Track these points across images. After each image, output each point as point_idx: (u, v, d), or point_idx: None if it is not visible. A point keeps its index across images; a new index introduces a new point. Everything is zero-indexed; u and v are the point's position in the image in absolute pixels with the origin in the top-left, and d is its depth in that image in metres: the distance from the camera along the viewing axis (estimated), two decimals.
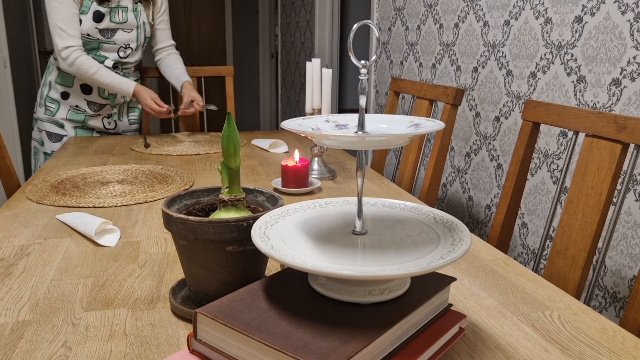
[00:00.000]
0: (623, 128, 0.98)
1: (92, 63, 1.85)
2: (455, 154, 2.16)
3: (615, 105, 1.39)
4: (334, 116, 0.71)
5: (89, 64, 1.84)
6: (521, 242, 1.77)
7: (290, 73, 4.60)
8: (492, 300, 0.80)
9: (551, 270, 1.08)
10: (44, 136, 2.03)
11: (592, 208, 1.02)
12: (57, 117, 2.01)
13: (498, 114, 1.87)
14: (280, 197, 0.77)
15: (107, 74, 1.87)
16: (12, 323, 0.71)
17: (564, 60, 1.55)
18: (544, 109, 1.18)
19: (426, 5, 2.33)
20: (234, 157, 0.70)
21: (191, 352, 0.60)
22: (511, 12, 1.78)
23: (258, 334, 0.53)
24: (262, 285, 0.64)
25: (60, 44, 1.81)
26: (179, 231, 0.69)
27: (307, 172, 1.32)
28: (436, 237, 0.65)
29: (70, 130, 2.04)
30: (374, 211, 0.74)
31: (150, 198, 1.26)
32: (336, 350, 0.51)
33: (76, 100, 2.01)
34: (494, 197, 1.92)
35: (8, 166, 1.51)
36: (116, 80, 1.89)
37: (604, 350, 0.67)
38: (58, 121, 2.01)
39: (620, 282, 1.39)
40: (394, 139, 0.59)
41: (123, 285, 0.83)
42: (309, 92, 1.47)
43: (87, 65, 1.84)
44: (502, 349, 0.67)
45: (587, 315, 0.76)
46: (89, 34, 1.88)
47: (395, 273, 0.53)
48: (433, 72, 2.30)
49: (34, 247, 0.98)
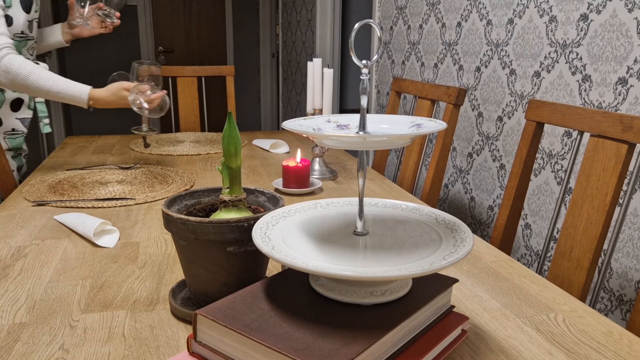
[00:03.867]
0: (629, 128, 0.97)
1: (26, 62, 1.35)
2: (458, 154, 2.15)
3: (621, 104, 1.37)
4: (335, 116, 0.70)
5: (20, 63, 1.34)
6: (524, 244, 1.76)
7: (292, 73, 4.59)
8: (495, 302, 0.79)
9: (555, 272, 1.07)
10: None
11: (597, 209, 1.00)
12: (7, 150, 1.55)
13: (501, 113, 1.86)
14: (281, 198, 0.76)
15: (47, 74, 1.37)
16: (8, 325, 0.70)
17: (568, 59, 1.54)
18: (548, 109, 1.16)
19: (428, 4, 2.32)
20: (234, 158, 0.70)
21: (191, 354, 0.59)
22: (515, 11, 1.77)
23: (259, 335, 0.52)
24: (263, 286, 0.63)
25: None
26: (179, 232, 0.68)
27: (308, 172, 1.31)
28: (438, 238, 0.64)
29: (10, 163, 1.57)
30: (376, 212, 0.73)
31: (150, 198, 1.26)
32: (337, 352, 0.50)
33: (10, 122, 1.55)
34: (497, 197, 1.91)
35: (4, 166, 1.50)
36: (61, 83, 1.37)
37: (610, 354, 0.66)
38: (9, 155, 1.57)
39: (626, 285, 1.38)
40: (395, 140, 0.59)
41: (122, 287, 0.82)
42: (310, 92, 1.46)
43: (17, 64, 1.33)
44: (505, 352, 0.66)
45: (593, 318, 0.75)
46: (22, 32, 1.50)
47: (397, 274, 0.52)
48: (435, 72, 2.29)
49: (31, 248, 0.97)
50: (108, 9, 1.64)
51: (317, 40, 3.82)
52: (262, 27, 5.49)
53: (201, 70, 2.33)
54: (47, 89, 1.35)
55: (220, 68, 2.35)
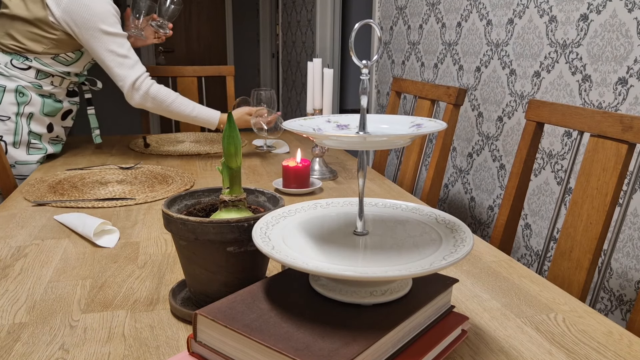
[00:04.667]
0: (629, 128, 0.97)
1: (168, 90, 1.58)
2: (457, 155, 2.15)
3: (621, 104, 1.37)
4: (335, 116, 0.70)
5: (165, 91, 1.57)
6: (524, 244, 1.76)
7: (292, 73, 4.59)
8: (495, 302, 0.79)
9: (555, 272, 1.07)
10: None
11: (597, 209, 1.00)
12: (45, 154, 1.64)
13: (501, 113, 1.86)
14: (281, 198, 0.76)
15: (186, 101, 1.61)
16: (8, 325, 0.70)
17: (568, 59, 1.54)
18: (548, 109, 1.16)
19: (428, 4, 2.32)
20: (234, 157, 0.70)
21: (191, 354, 0.59)
22: (515, 11, 1.77)
23: (258, 335, 0.52)
24: (263, 286, 0.63)
25: (131, 74, 1.52)
26: (179, 232, 0.68)
27: (308, 172, 1.31)
28: (438, 238, 0.64)
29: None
30: (376, 212, 0.73)
31: (150, 198, 1.26)
32: (337, 352, 0.50)
33: (58, 129, 1.68)
34: (497, 197, 1.91)
35: (4, 166, 1.50)
36: (197, 108, 1.61)
37: (610, 354, 0.66)
38: (42, 160, 1.64)
39: (626, 285, 1.38)
40: (395, 140, 0.59)
41: (122, 287, 0.82)
42: (310, 92, 1.46)
43: (164, 93, 1.57)
44: (505, 352, 0.66)
45: (593, 318, 0.75)
46: None
47: (397, 274, 0.52)
48: (435, 72, 2.29)
49: (31, 248, 0.97)
50: (161, 20, 1.73)
51: (317, 40, 3.82)
52: (262, 27, 5.49)
53: (201, 70, 2.33)
54: (186, 114, 1.61)
55: (220, 68, 2.35)
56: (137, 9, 1.68)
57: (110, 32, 1.49)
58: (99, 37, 1.49)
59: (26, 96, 1.55)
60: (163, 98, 1.56)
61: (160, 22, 1.72)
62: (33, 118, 1.58)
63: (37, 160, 1.61)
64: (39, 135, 1.61)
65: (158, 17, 1.72)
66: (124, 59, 1.52)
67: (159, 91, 1.56)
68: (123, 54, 1.52)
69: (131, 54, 1.54)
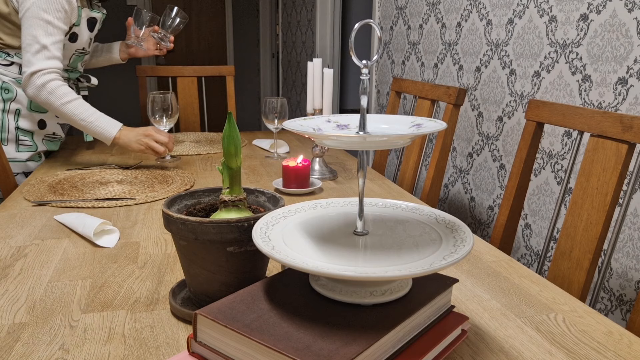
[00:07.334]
0: (629, 128, 0.97)
1: (69, 92, 1.46)
2: (457, 154, 2.15)
3: (621, 104, 1.37)
4: (335, 116, 0.70)
5: (65, 91, 1.45)
6: (524, 244, 1.76)
7: (292, 73, 4.59)
8: (495, 302, 0.79)
9: (555, 272, 1.07)
10: None
11: (597, 209, 1.00)
12: (36, 151, 1.62)
13: (501, 113, 1.86)
14: (281, 198, 0.76)
15: (87, 107, 1.48)
16: (8, 325, 0.70)
17: (568, 59, 1.54)
18: (548, 109, 1.16)
19: (428, 4, 2.32)
20: (234, 158, 0.70)
21: (191, 354, 0.59)
22: (515, 11, 1.77)
23: (258, 335, 0.52)
24: (263, 286, 0.63)
25: (37, 64, 1.42)
26: (179, 232, 0.68)
27: (308, 172, 1.31)
28: (438, 238, 0.64)
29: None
30: (376, 212, 0.73)
31: (150, 198, 1.26)
32: (337, 351, 0.50)
33: (53, 126, 1.64)
34: (497, 197, 1.91)
35: (4, 166, 1.50)
36: (97, 117, 1.47)
37: (610, 354, 0.66)
38: (34, 157, 1.62)
39: (626, 285, 1.38)
40: (395, 140, 0.58)
41: (122, 287, 0.82)
42: (310, 92, 1.46)
43: (62, 91, 1.45)
44: (505, 352, 0.66)
45: (593, 318, 0.75)
46: (83, 48, 1.62)
47: (397, 274, 0.52)
48: (435, 72, 2.29)
49: (31, 248, 0.97)
50: (163, 33, 1.71)
51: (317, 40, 3.82)
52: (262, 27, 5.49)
53: (201, 70, 2.33)
54: (81, 118, 1.46)
55: (220, 68, 2.35)
56: (139, 20, 1.68)
57: (44, 18, 1.42)
58: (29, 18, 1.42)
59: (11, 92, 1.53)
60: (59, 96, 1.44)
61: (162, 35, 1.71)
62: (21, 114, 1.55)
63: (27, 158, 1.60)
64: (29, 132, 1.58)
65: (160, 30, 1.71)
66: (43, 49, 1.43)
67: (57, 88, 1.44)
68: (43, 44, 1.42)
69: (54, 49, 1.44)
